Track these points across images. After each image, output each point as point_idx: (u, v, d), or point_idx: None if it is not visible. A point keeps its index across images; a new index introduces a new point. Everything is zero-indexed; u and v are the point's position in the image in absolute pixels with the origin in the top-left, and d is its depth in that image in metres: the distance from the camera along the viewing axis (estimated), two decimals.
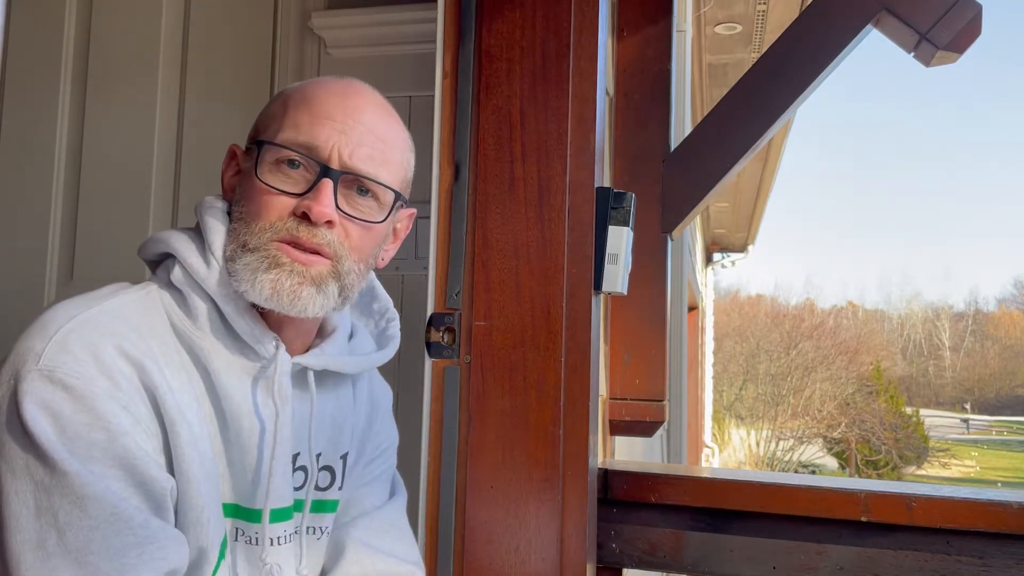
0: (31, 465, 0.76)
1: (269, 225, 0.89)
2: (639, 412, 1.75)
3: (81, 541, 0.75)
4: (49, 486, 0.75)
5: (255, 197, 0.91)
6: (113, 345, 0.81)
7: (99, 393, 0.78)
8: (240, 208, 0.92)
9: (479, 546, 1.22)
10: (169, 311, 0.89)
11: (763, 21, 4.87)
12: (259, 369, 0.91)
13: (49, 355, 0.79)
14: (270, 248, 0.89)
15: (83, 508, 0.76)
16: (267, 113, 0.96)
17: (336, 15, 2.07)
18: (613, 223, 1.29)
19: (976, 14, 1.49)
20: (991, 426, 33.95)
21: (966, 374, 41.34)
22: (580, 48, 1.28)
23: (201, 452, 0.85)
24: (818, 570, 1.27)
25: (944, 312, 48.86)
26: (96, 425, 0.78)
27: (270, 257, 0.89)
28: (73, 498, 0.76)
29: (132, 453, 0.79)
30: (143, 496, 0.80)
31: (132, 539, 0.77)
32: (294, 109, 0.93)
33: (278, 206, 0.90)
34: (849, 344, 24.23)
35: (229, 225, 0.93)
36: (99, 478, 0.77)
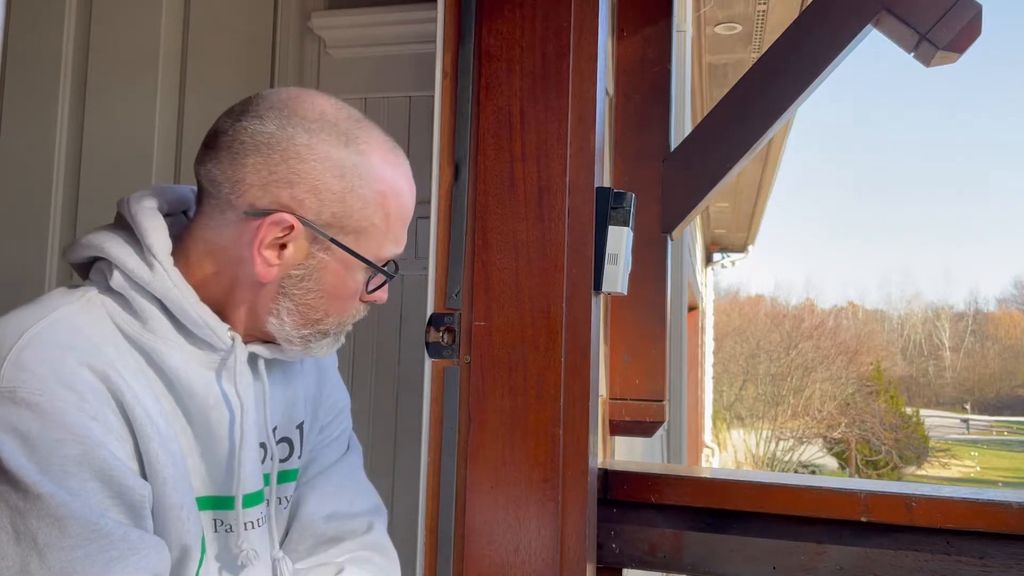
0: (3, 491, 0.75)
1: (349, 317, 0.98)
2: (639, 412, 1.75)
3: (64, 561, 0.75)
4: (24, 510, 0.75)
5: (342, 296, 0.95)
6: (72, 358, 0.80)
7: (66, 407, 0.77)
8: (308, 294, 0.94)
9: (479, 546, 1.22)
10: (113, 316, 0.88)
11: (763, 21, 4.87)
12: (219, 361, 0.92)
13: (7, 376, 0.77)
14: (341, 332, 0.99)
15: (62, 529, 0.75)
16: (363, 215, 0.93)
17: (336, 15, 2.07)
18: (613, 223, 1.29)
19: (976, 14, 1.49)
20: (991, 426, 33.95)
21: (966, 374, 41.34)
22: (580, 48, 1.28)
23: (172, 452, 0.86)
24: (818, 570, 1.27)
25: (944, 312, 48.87)
26: (68, 439, 0.77)
27: (340, 336, 1.00)
28: (51, 520, 0.75)
29: (108, 464, 0.79)
30: (122, 507, 0.80)
31: (115, 553, 0.77)
32: (396, 221, 0.96)
33: (357, 300, 0.98)
34: (849, 344, 24.23)
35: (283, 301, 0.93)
36: (75, 495, 0.76)
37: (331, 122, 0.92)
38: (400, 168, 0.97)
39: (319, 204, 0.90)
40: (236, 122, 0.91)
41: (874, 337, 34.68)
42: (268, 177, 0.89)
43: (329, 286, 0.93)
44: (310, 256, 0.92)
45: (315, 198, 0.90)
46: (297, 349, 0.96)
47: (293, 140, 0.89)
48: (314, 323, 0.95)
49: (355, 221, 0.92)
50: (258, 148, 0.89)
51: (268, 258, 0.90)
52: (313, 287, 0.93)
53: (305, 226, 0.90)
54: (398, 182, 0.96)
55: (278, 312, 0.93)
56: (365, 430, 2.05)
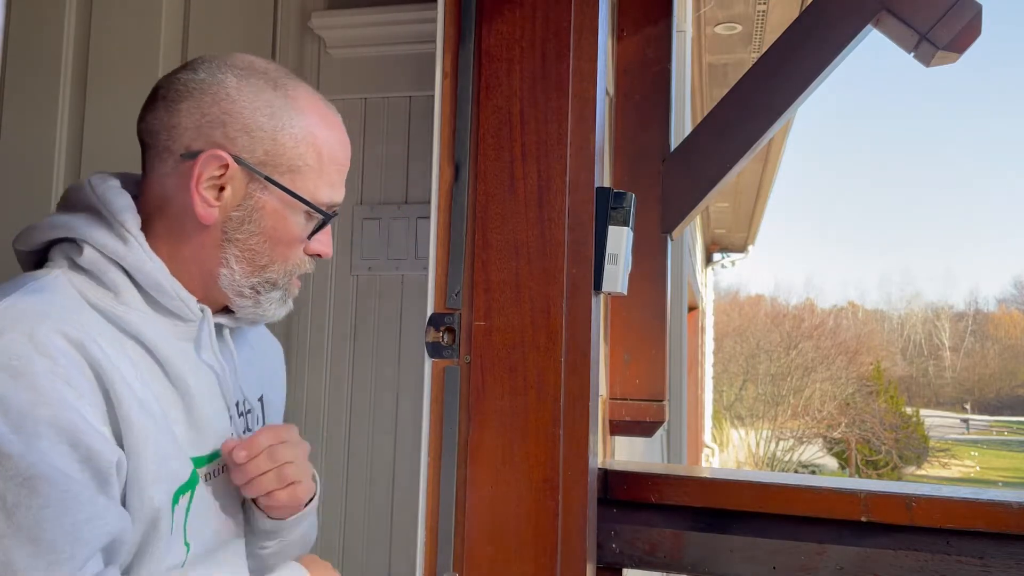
0: None
1: (294, 266, 1.00)
2: (639, 412, 1.75)
3: (31, 520, 0.76)
4: None
5: (283, 239, 0.97)
6: (46, 325, 0.82)
7: (39, 371, 0.79)
8: (251, 237, 0.96)
9: (479, 546, 1.22)
10: (84, 292, 0.89)
11: (763, 21, 4.87)
12: (188, 332, 0.96)
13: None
14: (290, 285, 1.01)
15: (31, 488, 0.77)
16: (296, 152, 0.96)
17: (336, 15, 2.07)
18: (613, 223, 1.29)
19: (976, 14, 1.49)
20: (991, 426, 33.96)
21: (966, 374, 41.35)
22: (580, 48, 1.28)
23: (153, 414, 0.88)
24: (818, 570, 1.27)
25: (944, 312, 48.88)
26: (39, 402, 0.78)
27: (289, 292, 1.02)
28: (20, 479, 0.76)
29: (78, 427, 0.80)
30: (89, 471, 0.81)
31: (82, 516, 0.79)
32: (329, 164, 0.99)
33: (300, 248, 1.00)
34: (849, 344, 24.23)
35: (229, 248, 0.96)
36: (44, 456, 0.78)
37: (260, 70, 0.97)
38: (330, 116, 1.01)
39: (251, 142, 0.94)
40: (171, 76, 0.98)
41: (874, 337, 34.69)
42: (201, 119, 0.93)
43: (270, 228, 0.96)
44: (248, 196, 0.95)
45: (247, 136, 0.93)
46: (249, 305, 0.99)
47: (223, 84, 0.94)
48: (261, 269, 0.97)
49: (288, 159, 0.95)
50: (191, 94, 0.94)
51: (207, 198, 0.93)
52: (255, 230, 0.96)
53: (240, 165, 0.93)
54: (329, 126, 1.00)
55: (227, 261, 0.96)
56: (365, 430, 2.05)
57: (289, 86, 0.97)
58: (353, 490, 1.99)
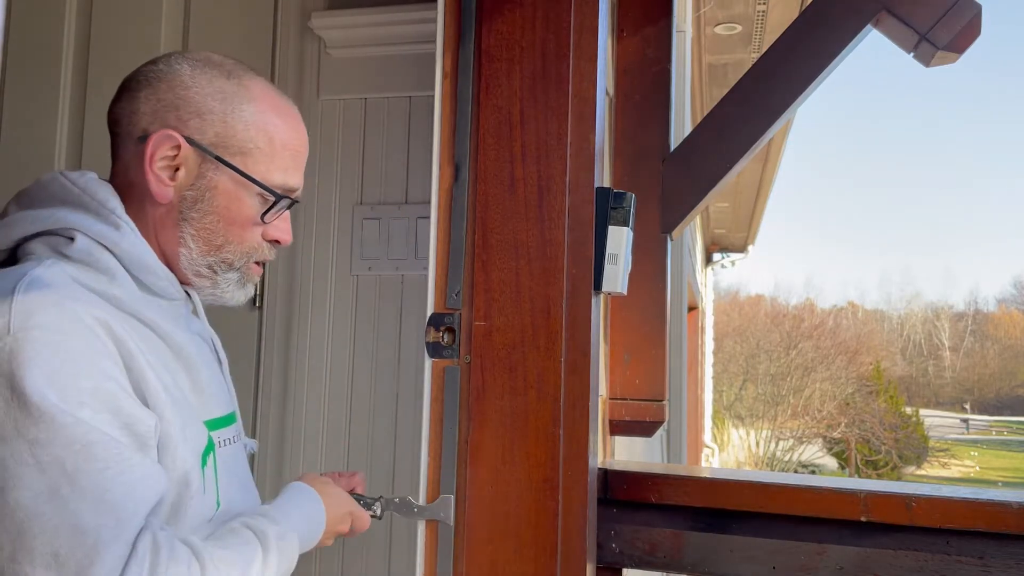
0: (23, 426, 0.79)
1: (250, 249, 1.03)
2: (639, 412, 1.75)
3: (96, 482, 0.80)
4: (47, 440, 0.79)
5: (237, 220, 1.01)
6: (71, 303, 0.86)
7: (79, 344, 0.83)
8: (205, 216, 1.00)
9: (479, 546, 1.22)
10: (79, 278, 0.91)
11: (763, 21, 4.87)
12: (174, 308, 1.02)
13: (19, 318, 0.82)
14: (248, 270, 1.04)
15: (90, 453, 0.80)
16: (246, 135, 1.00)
17: (336, 15, 2.07)
18: (613, 223, 1.29)
19: (976, 14, 1.49)
20: (991, 426, 33.96)
21: (966, 374, 41.35)
22: (580, 48, 1.28)
23: (166, 384, 0.92)
24: (818, 570, 1.27)
25: (944, 312, 48.89)
26: (82, 373, 0.82)
27: (247, 276, 1.05)
28: (77, 446, 0.80)
29: (118, 396, 0.84)
30: (131, 437, 0.85)
31: (137, 475, 0.83)
32: (281, 149, 1.02)
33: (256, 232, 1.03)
34: (849, 344, 24.22)
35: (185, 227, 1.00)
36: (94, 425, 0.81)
37: (216, 62, 1.02)
38: (283, 106, 1.04)
39: (203, 124, 0.98)
40: (137, 69, 1.04)
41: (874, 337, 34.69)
42: (156, 104, 0.98)
43: (223, 208, 1.00)
44: (200, 176, 0.98)
45: (198, 119, 0.98)
46: (207, 286, 1.03)
47: (179, 72, 1.00)
48: (217, 249, 1.01)
49: (239, 141, 0.99)
50: (149, 82, 1.00)
51: (161, 177, 0.97)
52: (208, 209, 0.99)
53: (192, 145, 0.97)
54: (281, 114, 1.03)
55: (184, 240, 1.00)
56: (365, 430, 2.05)
57: (244, 77, 1.02)
58: None
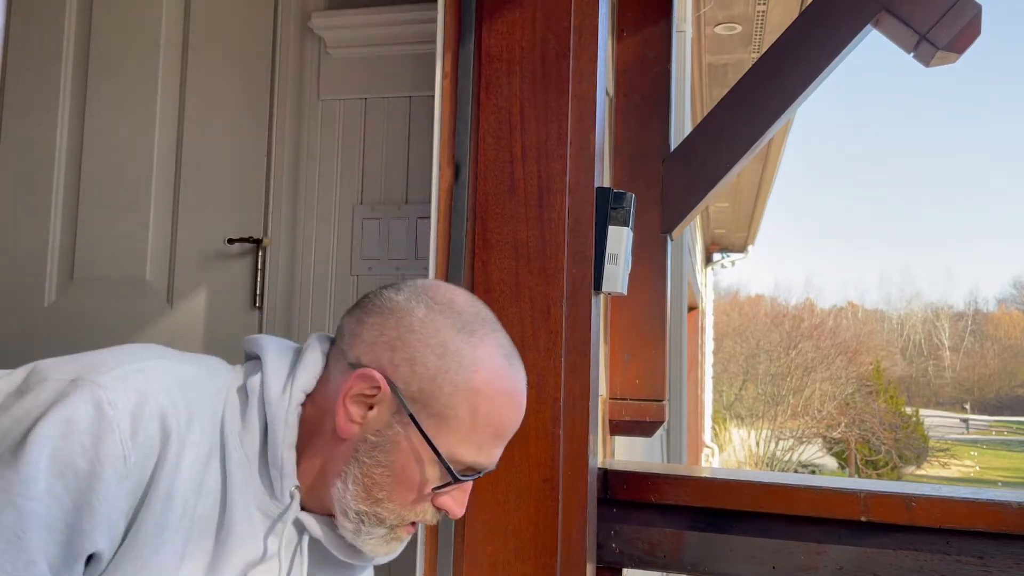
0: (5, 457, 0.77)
1: (410, 513, 0.94)
2: (639, 412, 1.75)
3: None
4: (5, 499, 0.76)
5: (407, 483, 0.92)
6: (156, 404, 0.84)
7: (115, 434, 0.80)
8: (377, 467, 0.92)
9: (479, 546, 1.22)
10: (227, 406, 0.92)
11: (763, 21, 4.87)
12: (269, 506, 0.93)
13: (105, 375, 0.82)
14: (400, 530, 0.95)
15: (17, 543, 0.76)
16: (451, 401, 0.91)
17: (336, 15, 2.07)
18: (613, 223, 1.29)
19: (976, 14, 1.49)
20: (991, 426, 33.96)
21: (966, 374, 41.36)
22: (580, 48, 1.28)
23: (175, 529, 0.86)
24: (818, 570, 1.27)
25: (944, 312, 48.90)
26: (87, 456, 0.79)
27: (396, 536, 0.95)
28: (3, 496, 0.76)
29: (96, 499, 0.79)
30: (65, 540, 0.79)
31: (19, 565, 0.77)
32: (483, 426, 0.92)
33: (425, 500, 0.94)
34: (849, 344, 24.21)
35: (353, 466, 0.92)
36: (41, 499, 0.77)
37: (456, 310, 0.95)
38: (508, 380, 0.95)
39: (411, 374, 0.91)
40: (383, 290, 0.99)
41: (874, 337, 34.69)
42: (379, 337, 0.93)
43: (398, 466, 0.92)
44: (389, 426, 0.92)
45: (409, 368, 0.91)
46: (349, 528, 0.93)
47: (412, 312, 0.94)
48: (375, 502, 0.92)
49: (440, 405, 0.91)
50: (382, 311, 0.95)
51: (352, 413, 0.92)
52: (383, 460, 0.92)
53: (392, 392, 0.91)
54: (499, 387, 0.94)
55: (345, 476, 0.92)
56: None
57: (477, 334, 0.94)
58: None
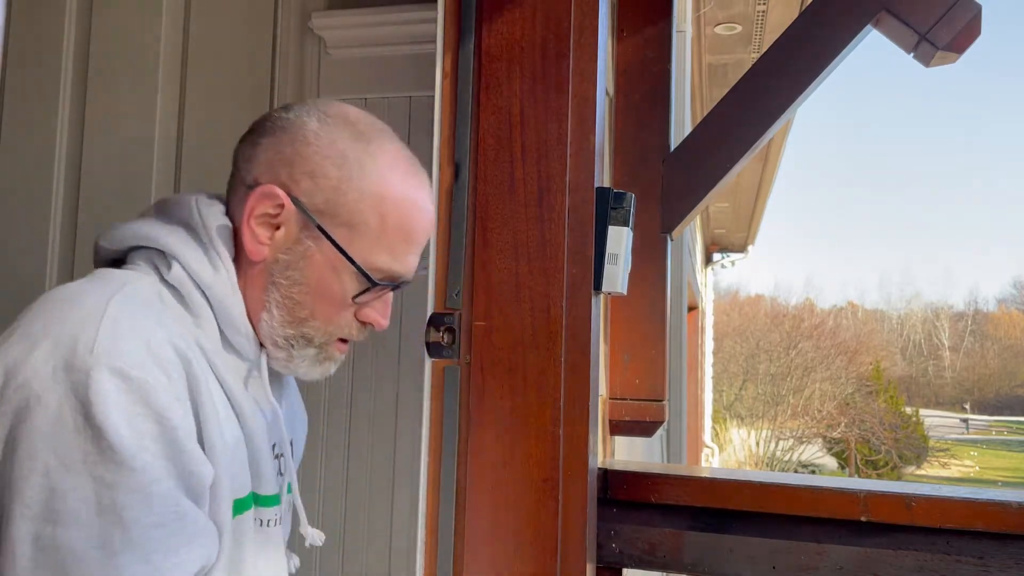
0: (91, 460, 0.73)
1: (336, 328, 0.95)
2: (639, 412, 1.75)
3: (146, 538, 0.75)
4: (113, 483, 0.74)
5: (327, 296, 0.93)
6: (160, 334, 0.81)
7: (157, 386, 0.78)
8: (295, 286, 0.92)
9: (479, 546, 1.22)
10: (169, 305, 0.88)
11: (763, 21, 4.88)
12: (247, 369, 0.94)
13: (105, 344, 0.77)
14: (330, 348, 0.96)
15: (148, 503, 0.75)
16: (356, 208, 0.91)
17: (336, 15, 2.07)
18: (613, 223, 1.29)
19: (976, 14, 1.49)
20: (991, 426, 33.97)
21: (966, 374, 41.38)
22: (580, 48, 1.28)
23: (225, 440, 0.86)
24: (818, 570, 1.27)
25: (944, 312, 48.93)
26: (151, 417, 0.77)
27: (327, 355, 0.97)
28: (141, 496, 0.74)
29: (182, 448, 0.79)
30: (186, 490, 0.80)
31: (187, 535, 0.78)
32: (394, 231, 0.94)
33: (347, 311, 0.95)
34: (849, 344, 24.22)
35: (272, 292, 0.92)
36: (161, 474, 0.76)
37: (351, 121, 0.95)
38: (412, 185, 0.96)
39: (313, 187, 0.91)
40: (270, 112, 0.97)
41: (874, 337, 34.69)
42: (274, 156, 0.92)
43: (314, 281, 0.92)
44: (298, 242, 0.91)
45: (311, 181, 0.91)
46: (282, 357, 0.95)
47: (305, 126, 0.93)
48: (300, 322, 0.93)
49: (347, 213, 0.91)
50: (274, 130, 0.94)
51: (258, 234, 0.91)
52: (299, 278, 0.92)
53: (296, 207, 0.90)
54: (405, 192, 0.95)
55: (268, 306, 0.93)
56: (365, 430, 2.05)
57: (374, 142, 0.95)
58: (353, 490, 1.99)
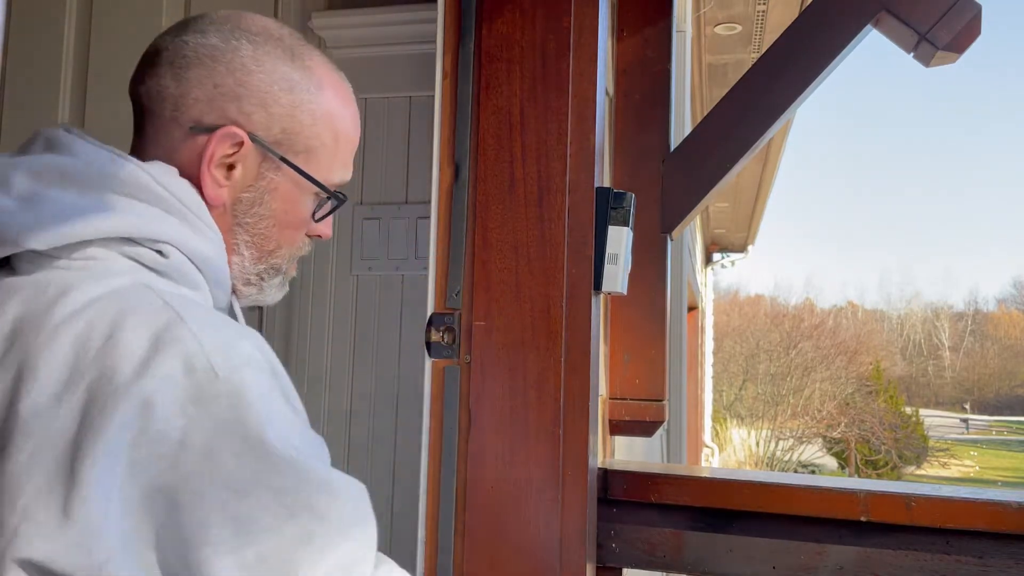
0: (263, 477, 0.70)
1: (297, 250, 0.94)
2: (639, 412, 1.75)
3: (345, 521, 0.73)
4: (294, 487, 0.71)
5: (292, 223, 0.91)
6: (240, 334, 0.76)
7: (274, 379, 0.75)
8: (261, 221, 0.89)
9: (479, 546, 1.22)
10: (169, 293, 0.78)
11: (763, 21, 4.87)
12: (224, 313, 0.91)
13: (219, 355, 0.70)
14: (291, 270, 0.95)
15: (331, 490, 0.73)
16: (313, 131, 0.89)
17: (336, 15, 2.07)
18: (613, 223, 1.29)
19: (976, 14, 1.49)
20: (991, 426, 33.98)
21: (966, 374, 41.40)
22: (580, 48, 1.28)
23: None
24: (818, 570, 1.27)
25: (944, 312, 48.96)
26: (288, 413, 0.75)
27: (288, 276, 0.95)
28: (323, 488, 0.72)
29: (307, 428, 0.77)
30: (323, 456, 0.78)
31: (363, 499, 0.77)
32: (345, 144, 0.92)
33: (304, 231, 0.94)
34: (849, 344, 24.23)
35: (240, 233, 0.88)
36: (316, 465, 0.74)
37: (275, 36, 0.88)
38: (345, 90, 0.93)
39: (268, 119, 0.86)
40: (176, 38, 0.87)
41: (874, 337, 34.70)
42: (213, 91, 0.85)
43: (280, 211, 0.89)
44: (260, 177, 0.87)
45: (264, 112, 0.85)
46: (253, 291, 0.93)
47: (238, 51, 0.85)
48: (269, 254, 0.91)
49: (305, 139, 0.88)
50: (202, 61, 0.85)
51: (217, 178, 0.85)
52: (265, 213, 0.89)
53: (255, 143, 0.85)
54: (345, 102, 0.92)
55: (238, 247, 0.89)
56: (365, 429, 2.05)
57: (306, 55, 0.90)
58: None
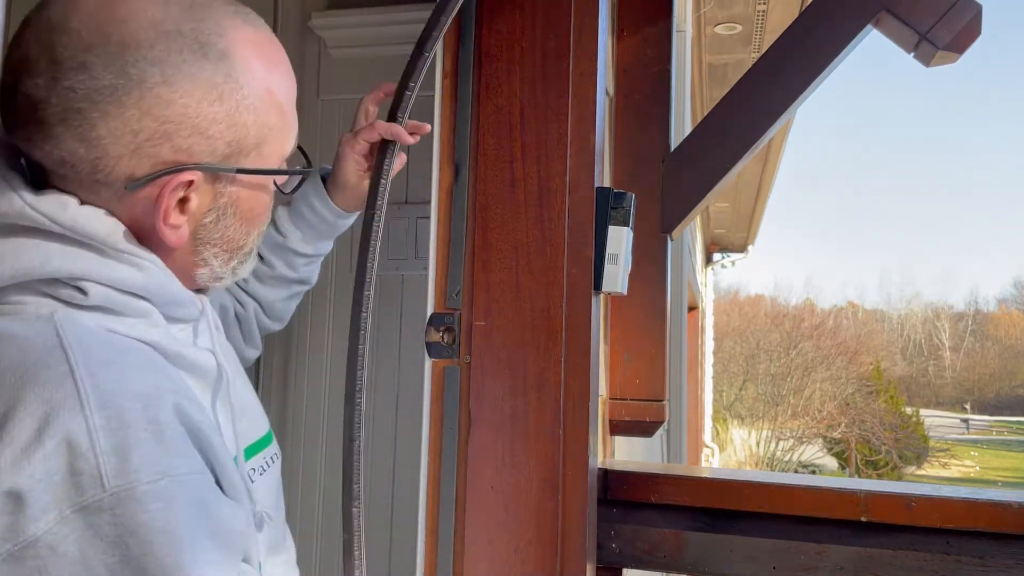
0: None
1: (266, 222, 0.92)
2: (639, 412, 1.75)
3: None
4: None
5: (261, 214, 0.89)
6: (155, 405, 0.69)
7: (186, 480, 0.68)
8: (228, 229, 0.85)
9: (479, 546, 1.22)
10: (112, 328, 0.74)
11: (763, 21, 4.87)
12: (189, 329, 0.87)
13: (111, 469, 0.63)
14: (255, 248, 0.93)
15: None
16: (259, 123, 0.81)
17: (336, 15, 2.07)
18: (613, 223, 1.29)
19: (976, 14, 1.49)
20: (991, 426, 33.97)
21: (966, 374, 41.39)
22: (580, 48, 1.28)
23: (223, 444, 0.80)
24: (818, 570, 1.27)
25: (944, 312, 48.95)
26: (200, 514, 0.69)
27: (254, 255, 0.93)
28: None
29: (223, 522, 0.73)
30: None
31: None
32: (288, 110, 0.86)
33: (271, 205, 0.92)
34: (849, 344, 24.23)
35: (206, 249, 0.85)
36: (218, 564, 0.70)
37: (171, 31, 0.73)
38: (265, 45, 0.83)
39: (210, 142, 0.76)
40: (55, 84, 0.71)
41: (874, 337, 34.71)
42: (135, 140, 0.72)
43: (247, 210, 0.85)
44: (217, 196, 0.81)
45: (202, 138, 0.75)
46: (227, 280, 0.90)
47: (144, 83, 0.71)
48: (240, 248, 0.88)
49: (253, 136, 0.80)
50: (106, 112, 0.71)
51: (174, 223, 0.78)
52: (230, 223, 0.84)
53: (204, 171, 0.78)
54: (273, 63, 0.83)
55: (205, 261, 0.85)
56: (365, 430, 2.05)
57: (214, 35, 0.76)
58: None
